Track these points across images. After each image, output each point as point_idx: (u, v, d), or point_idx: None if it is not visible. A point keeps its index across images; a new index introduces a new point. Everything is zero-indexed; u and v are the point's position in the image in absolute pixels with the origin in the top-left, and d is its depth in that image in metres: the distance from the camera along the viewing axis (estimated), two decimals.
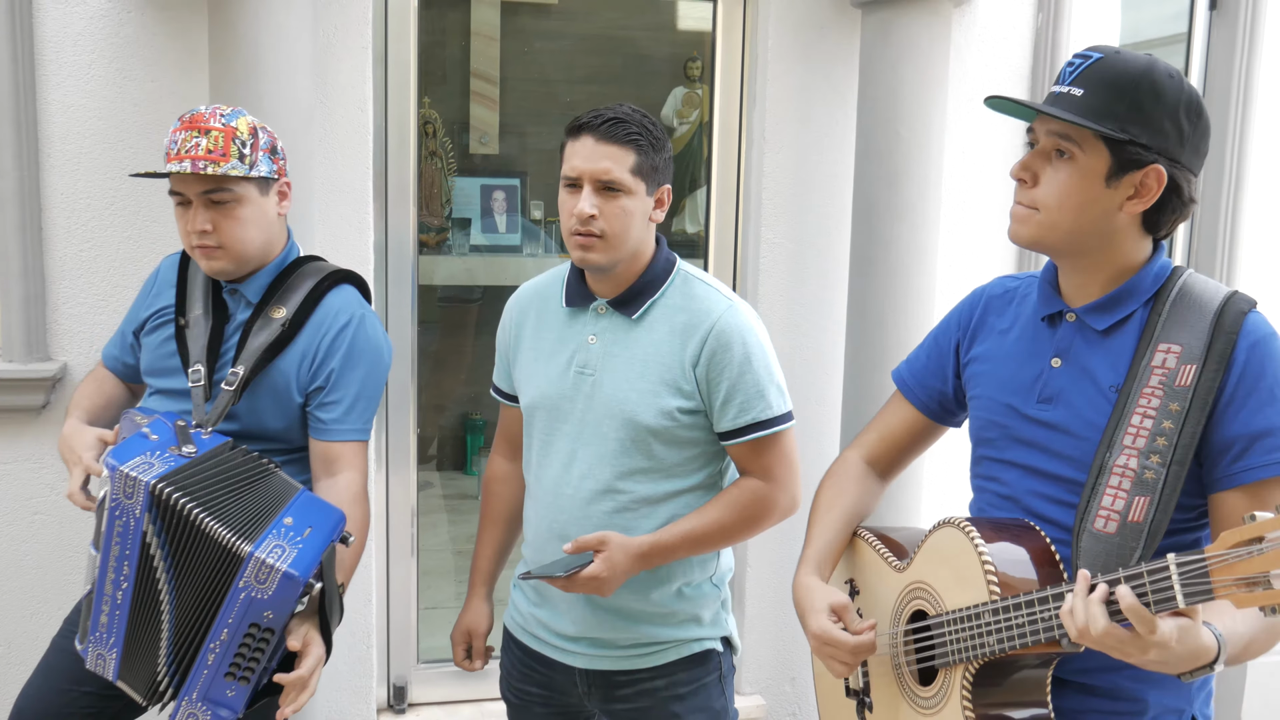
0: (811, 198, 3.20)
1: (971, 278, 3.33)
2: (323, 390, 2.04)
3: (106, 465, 1.87)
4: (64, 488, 2.82)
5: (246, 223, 2.01)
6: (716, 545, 2.01)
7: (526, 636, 2.09)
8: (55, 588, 2.88)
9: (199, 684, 1.85)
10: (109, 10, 2.72)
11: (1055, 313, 1.61)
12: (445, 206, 4.26)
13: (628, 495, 1.94)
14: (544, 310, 2.05)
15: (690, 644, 2.03)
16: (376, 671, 3.11)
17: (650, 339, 1.94)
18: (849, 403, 3.07)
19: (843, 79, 3.16)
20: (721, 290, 1.99)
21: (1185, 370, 1.46)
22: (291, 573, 1.79)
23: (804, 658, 3.37)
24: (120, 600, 1.89)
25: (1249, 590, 1.19)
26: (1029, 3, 3.27)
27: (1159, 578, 1.27)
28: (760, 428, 1.94)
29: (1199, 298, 1.50)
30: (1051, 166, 1.50)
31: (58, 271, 2.77)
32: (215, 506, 1.83)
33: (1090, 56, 1.49)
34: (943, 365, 1.80)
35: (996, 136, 3.30)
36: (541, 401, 2.00)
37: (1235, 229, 3.51)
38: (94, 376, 2.27)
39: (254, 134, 2.02)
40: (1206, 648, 1.30)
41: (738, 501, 1.98)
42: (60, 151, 2.74)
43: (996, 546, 1.52)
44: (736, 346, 1.92)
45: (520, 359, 2.07)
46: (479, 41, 4.50)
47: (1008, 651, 1.48)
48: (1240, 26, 3.44)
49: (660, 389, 1.92)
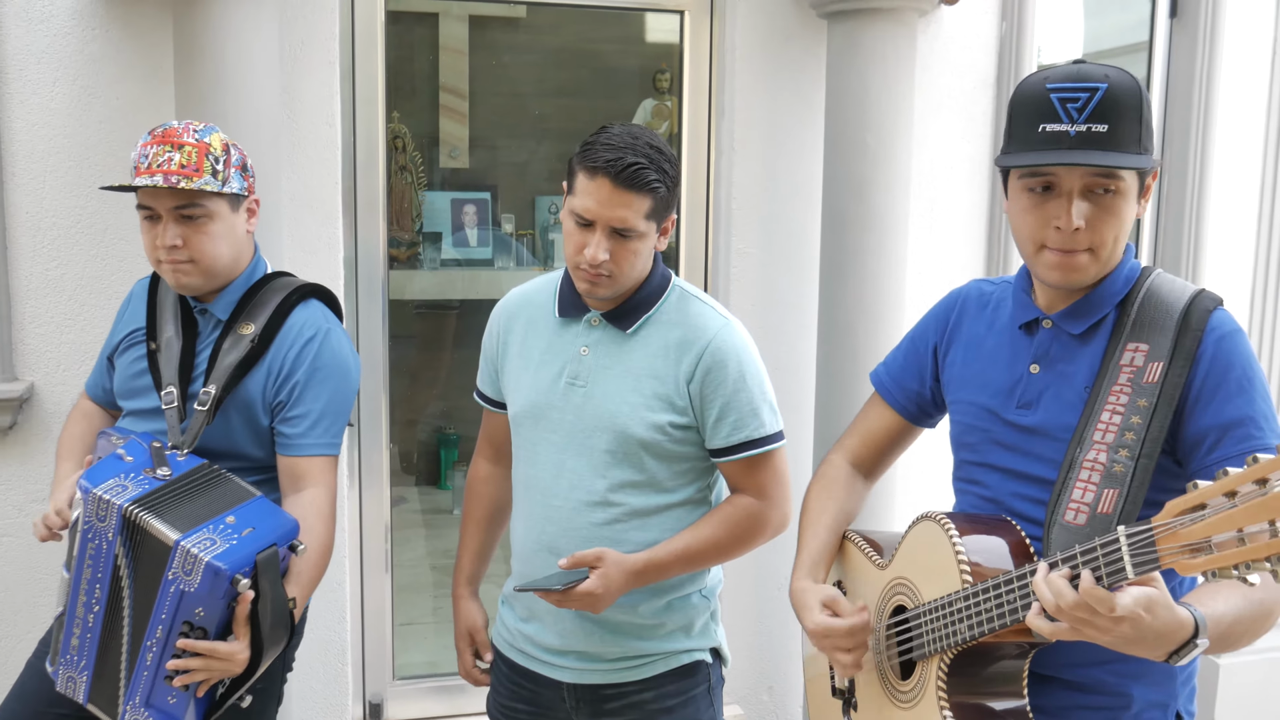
0: (781, 207, 3.21)
1: (940, 284, 3.35)
2: (285, 405, 2.02)
3: (80, 487, 1.85)
4: (32, 509, 2.80)
5: (217, 238, 2.00)
6: (710, 562, 2.02)
7: (513, 652, 2.08)
8: (24, 610, 2.84)
9: (140, 687, 1.82)
10: (73, 27, 2.71)
11: (1032, 320, 1.64)
12: (416, 221, 4.25)
13: (619, 508, 1.93)
14: (534, 318, 2.05)
15: (679, 655, 2.03)
16: (352, 688, 3.09)
17: (644, 353, 1.95)
18: (821, 410, 3.08)
19: (810, 89, 3.18)
20: (717, 308, 2.00)
21: (1153, 368, 1.49)
22: (216, 564, 1.75)
23: (781, 667, 3.38)
24: (91, 624, 1.87)
25: (1192, 556, 1.21)
26: (993, 11, 3.31)
27: (1110, 550, 1.30)
28: (753, 446, 1.95)
29: (1166, 297, 1.54)
30: (1097, 206, 1.50)
31: (23, 290, 2.75)
32: (166, 511, 1.81)
33: (1095, 88, 1.46)
34: (920, 368, 1.83)
35: (963, 144, 3.33)
36: (530, 410, 2.00)
37: (1199, 231, 3.55)
38: (80, 412, 2.24)
39: (226, 150, 2.01)
40: (1182, 622, 1.31)
41: (731, 519, 1.98)
42: (25, 169, 2.71)
43: (971, 538, 1.55)
44: (731, 365, 1.92)
45: (508, 366, 2.07)
46: (447, 55, 4.50)
47: (979, 639, 1.49)
48: (1200, 33, 3.49)
49: (652, 403, 1.92)
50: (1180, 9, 3.55)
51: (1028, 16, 3.28)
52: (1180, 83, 3.55)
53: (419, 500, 4.74)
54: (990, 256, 3.40)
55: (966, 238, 3.39)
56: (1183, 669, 1.60)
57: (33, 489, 2.79)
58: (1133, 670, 1.55)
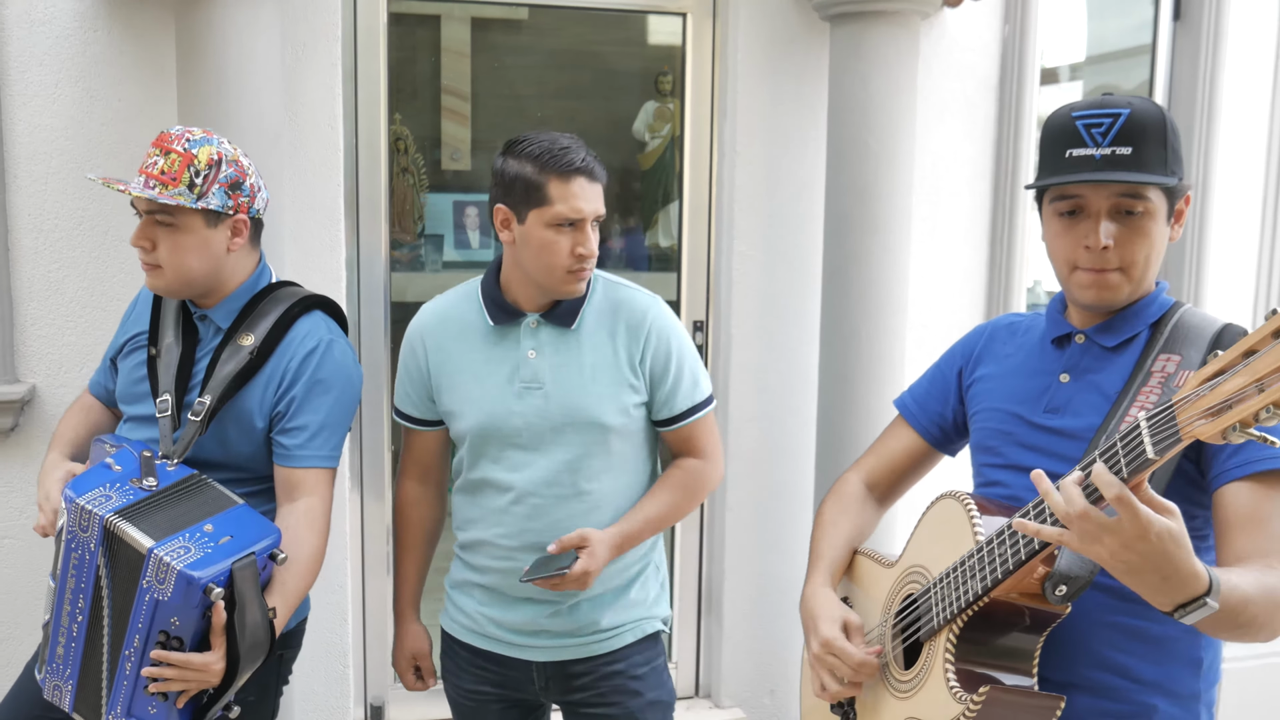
0: (783, 210, 3.21)
1: (943, 286, 3.36)
2: (284, 416, 1.99)
3: (64, 497, 1.83)
4: (34, 512, 2.79)
5: (184, 250, 1.95)
6: (669, 523, 2.14)
7: (475, 637, 2.11)
8: (25, 612, 2.84)
9: (121, 696, 1.80)
10: (75, 30, 2.70)
11: (1064, 335, 1.67)
12: (417, 223, 4.24)
13: (594, 495, 2.03)
14: (462, 331, 2.07)
15: (641, 624, 2.12)
16: (354, 691, 3.08)
17: (592, 344, 2.02)
18: (823, 414, 3.08)
19: (812, 92, 3.18)
20: (638, 289, 2.10)
21: (1184, 375, 1.51)
22: (189, 574, 1.72)
23: (782, 670, 3.37)
24: (75, 633, 1.86)
25: (1213, 419, 1.18)
26: (996, 15, 3.31)
27: (1131, 438, 1.29)
28: (697, 411, 2.10)
29: (1198, 324, 1.59)
30: (1126, 227, 1.55)
31: (25, 292, 2.75)
32: (142, 519, 1.80)
33: (1118, 114, 1.52)
34: (945, 390, 1.86)
35: (966, 146, 3.33)
36: (487, 421, 2.02)
37: (1202, 237, 3.55)
38: (80, 405, 2.22)
39: (213, 165, 1.94)
40: (1196, 572, 1.29)
41: (682, 482, 2.12)
42: (27, 172, 2.71)
43: (987, 516, 1.56)
44: (673, 339, 2.06)
45: (446, 384, 2.07)
46: (449, 58, 4.49)
47: (992, 592, 1.48)
48: (1204, 37, 3.48)
49: (616, 388, 2.02)
50: (1183, 12, 3.55)
51: (1030, 19, 3.28)
52: (1183, 86, 3.54)
53: None
54: (993, 260, 3.40)
55: (969, 241, 3.38)
56: (1207, 685, 1.61)
57: (34, 492, 2.76)
58: (1156, 680, 1.55)
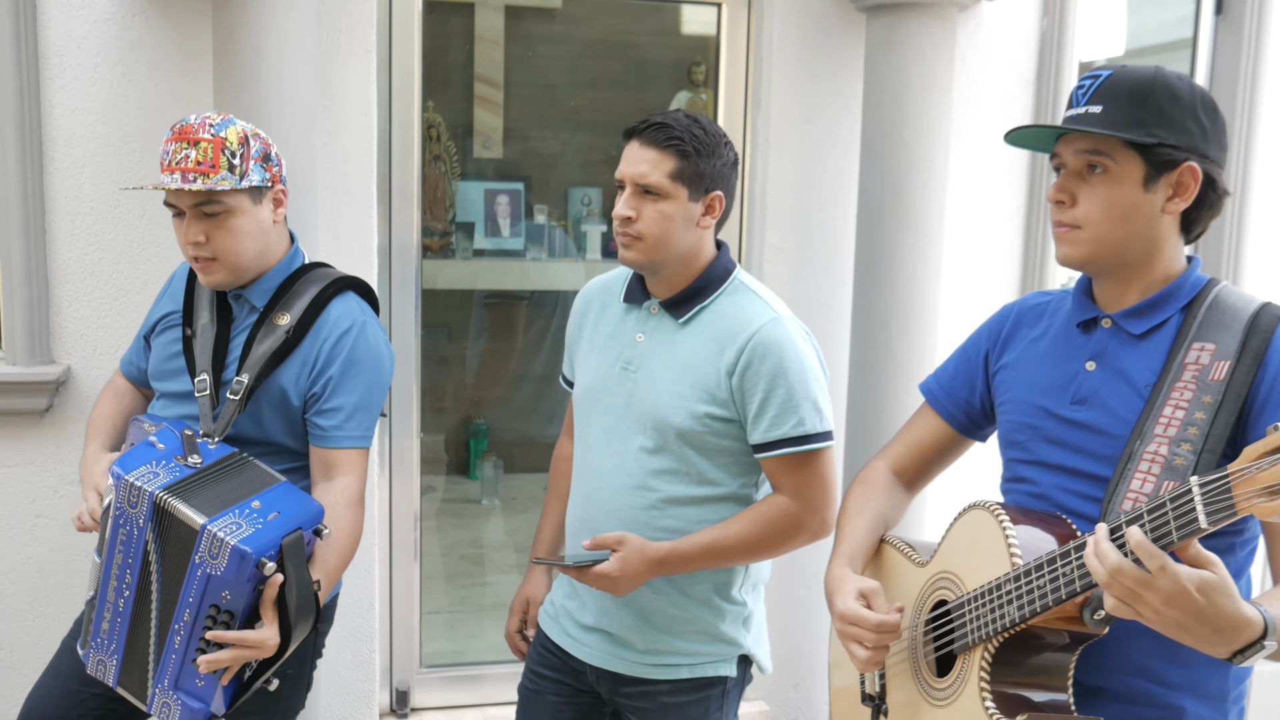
0: (816, 202, 3.19)
1: (976, 283, 3.33)
2: (320, 397, 2.02)
3: (111, 473, 1.87)
4: (68, 491, 2.83)
5: (240, 234, 1.98)
6: (737, 560, 1.99)
7: (552, 626, 2.14)
8: (58, 591, 2.87)
9: (169, 670, 1.84)
10: (113, 14, 2.72)
11: (1090, 319, 1.63)
12: (449, 210, 4.25)
13: (656, 494, 1.95)
14: (606, 304, 2.11)
15: (704, 665, 2.03)
16: (379, 676, 3.10)
17: (692, 344, 1.96)
18: (854, 408, 3.06)
19: (847, 83, 3.16)
20: (771, 303, 1.98)
21: (1219, 366, 1.48)
22: (242, 548, 1.77)
23: (808, 664, 3.36)
24: (122, 608, 1.89)
25: (1271, 498, 1.15)
26: (1034, 7, 3.27)
27: (1182, 502, 1.25)
28: (792, 444, 1.91)
29: (1233, 305, 1.53)
30: (1087, 184, 1.53)
31: (61, 275, 2.77)
32: (193, 496, 1.83)
33: (1099, 75, 1.53)
34: (971, 375, 1.81)
35: (1001, 141, 3.29)
36: (587, 393, 2.07)
37: (1241, 232, 3.50)
38: (113, 390, 2.25)
39: (244, 142, 1.97)
40: (1249, 619, 1.26)
41: (763, 518, 1.96)
42: (64, 155, 2.74)
43: (1022, 528, 1.53)
44: (772, 359, 1.90)
45: (579, 350, 2.13)
46: (483, 46, 4.50)
47: (1029, 621, 1.46)
48: (1246, 31, 3.43)
49: (695, 393, 1.93)
50: (1225, 5, 3.50)
51: (1069, 12, 3.24)
52: (1224, 80, 3.49)
53: (447, 490, 4.76)
54: (1027, 256, 3.36)
55: (1004, 237, 3.35)
56: (1235, 683, 1.58)
57: (68, 472, 2.82)
58: (1184, 682, 1.52)
